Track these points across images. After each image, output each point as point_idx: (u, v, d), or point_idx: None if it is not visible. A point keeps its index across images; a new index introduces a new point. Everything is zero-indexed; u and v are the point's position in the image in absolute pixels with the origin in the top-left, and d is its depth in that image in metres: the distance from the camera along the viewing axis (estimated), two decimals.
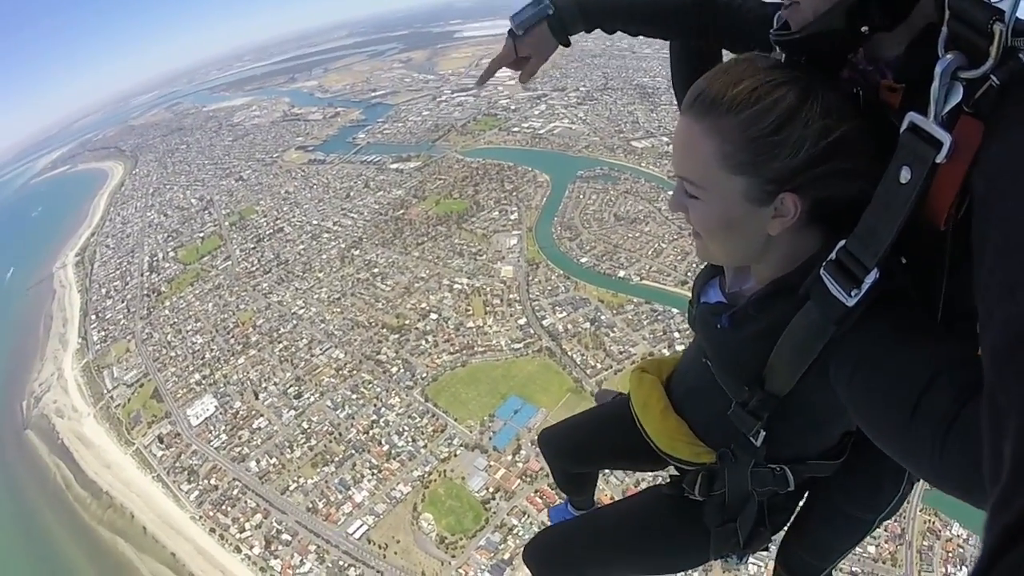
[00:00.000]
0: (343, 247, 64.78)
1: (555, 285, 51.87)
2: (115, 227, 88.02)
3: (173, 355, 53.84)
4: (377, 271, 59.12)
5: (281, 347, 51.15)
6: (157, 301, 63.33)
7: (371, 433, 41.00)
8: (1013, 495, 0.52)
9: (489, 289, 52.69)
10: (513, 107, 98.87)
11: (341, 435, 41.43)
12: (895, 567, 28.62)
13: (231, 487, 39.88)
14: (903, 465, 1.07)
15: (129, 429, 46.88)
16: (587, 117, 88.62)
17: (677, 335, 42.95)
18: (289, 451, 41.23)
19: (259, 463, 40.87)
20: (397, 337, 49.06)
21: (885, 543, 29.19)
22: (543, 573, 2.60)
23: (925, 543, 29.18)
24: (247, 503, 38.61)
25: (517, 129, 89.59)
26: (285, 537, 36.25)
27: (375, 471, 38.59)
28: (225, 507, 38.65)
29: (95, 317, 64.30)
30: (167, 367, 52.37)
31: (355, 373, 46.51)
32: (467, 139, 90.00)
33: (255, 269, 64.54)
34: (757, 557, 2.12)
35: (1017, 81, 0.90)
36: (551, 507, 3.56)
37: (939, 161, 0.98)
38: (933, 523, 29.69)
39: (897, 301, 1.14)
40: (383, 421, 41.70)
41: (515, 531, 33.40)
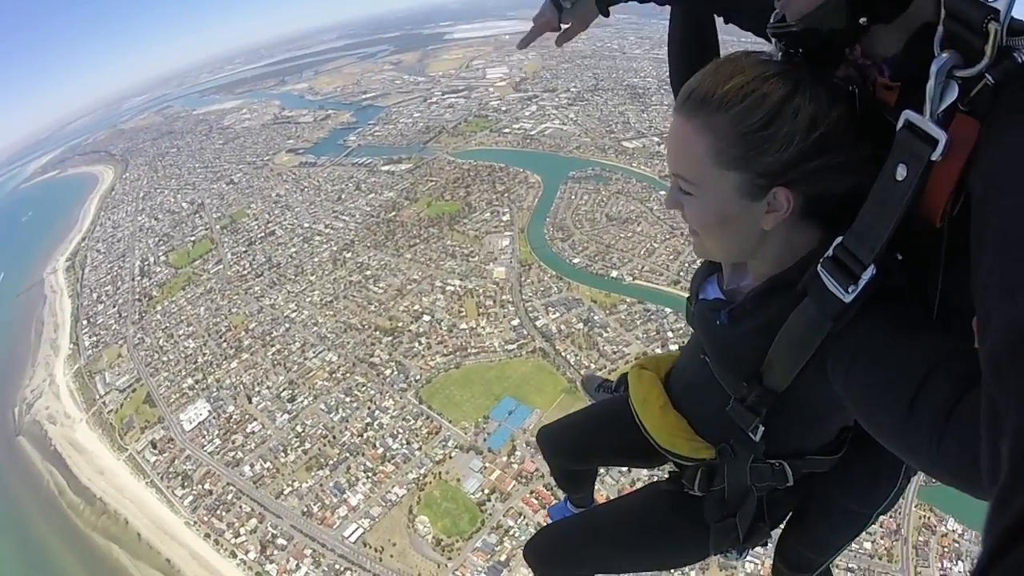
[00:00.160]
0: (335, 250, 64.53)
1: (548, 286, 51.97)
2: (106, 231, 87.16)
3: (165, 360, 53.47)
4: (369, 273, 58.99)
5: (274, 351, 50.92)
6: (149, 305, 62.90)
7: (365, 436, 40.96)
8: (1011, 496, 0.52)
9: (482, 290, 52.71)
10: (504, 108, 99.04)
11: (335, 438, 41.34)
12: (891, 563, 28.82)
13: (225, 492, 39.72)
14: (901, 458, 1.10)
15: (122, 435, 46.59)
16: (578, 118, 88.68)
17: (670, 335, 43.16)
18: (283, 455, 41.10)
19: (253, 467, 40.71)
20: (390, 339, 49.01)
21: (881, 539, 29.40)
22: (544, 571, 2.65)
23: (921, 538, 29.39)
24: (242, 508, 38.47)
25: (508, 130, 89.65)
26: (280, 542, 36.14)
27: (370, 474, 38.53)
28: (220, 512, 38.49)
29: (86, 322, 63.77)
30: (159, 372, 52.05)
31: (348, 376, 46.41)
32: (458, 141, 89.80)
33: (247, 272, 64.18)
34: (754, 553, 2.18)
35: (1012, 80, 0.91)
36: (551, 506, 3.59)
37: (935, 159, 0.99)
38: (928, 518, 29.88)
39: (893, 298, 1.17)
40: (377, 424, 41.66)
41: (511, 532, 33.45)
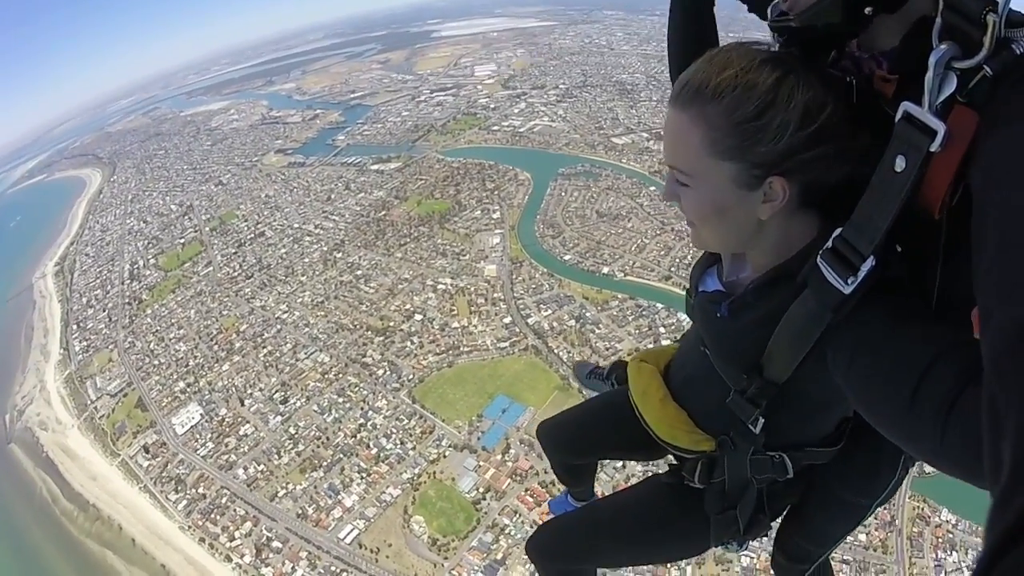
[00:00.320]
0: (325, 250, 64.31)
1: (539, 283, 52.03)
2: (94, 235, 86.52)
3: (156, 363, 53.15)
4: (360, 273, 58.85)
5: (265, 352, 50.74)
6: (139, 309, 62.49)
7: (359, 437, 40.88)
8: (1012, 496, 0.52)
9: (473, 289, 52.68)
10: (493, 106, 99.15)
11: (329, 439, 41.24)
12: (886, 554, 29.02)
13: (219, 495, 39.55)
14: (903, 448, 1.11)
15: (114, 440, 46.30)
16: (567, 114, 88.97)
17: (662, 330, 43.32)
18: (277, 457, 40.97)
19: (247, 470, 40.56)
20: (382, 339, 48.92)
21: (876, 530, 29.61)
22: (546, 565, 2.66)
23: (915, 529, 29.65)
24: (236, 511, 38.33)
25: (497, 128, 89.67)
26: (276, 544, 36.01)
27: (364, 475, 38.46)
28: (214, 516, 38.32)
29: (76, 327, 63.25)
30: (151, 376, 51.72)
31: (341, 377, 46.30)
32: (447, 139, 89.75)
33: (237, 274, 63.87)
34: (751, 547, 2.18)
35: (1010, 71, 0.92)
36: (551, 500, 3.61)
37: (933, 150, 1.00)
38: (922, 509, 30.17)
39: (893, 289, 1.19)
40: (371, 424, 41.57)
41: (507, 531, 33.48)
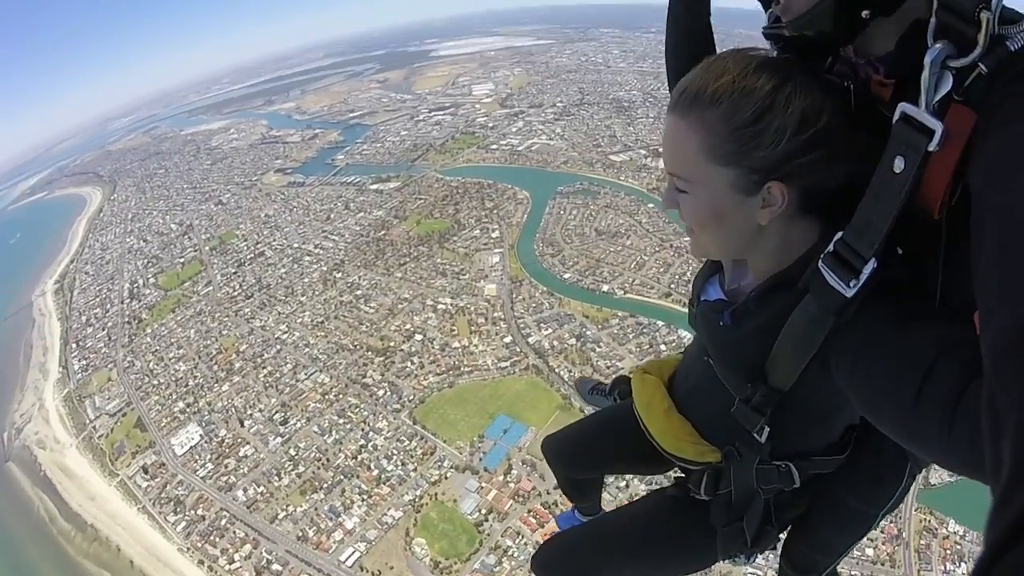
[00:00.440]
0: (325, 270, 64.34)
1: (539, 302, 52.06)
2: (94, 254, 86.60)
3: (156, 383, 52.94)
4: (360, 293, 58.80)
5: (265, 373, 50.58)
6: (138, 328, 62.37)
7: (360, 458, 40.66)
8: (1012, 495, 0.53)
9: (473, 308, 52.65)
10: (491, 125, 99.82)
11: (329, 461, 41.01)
12: (894, 568, 28.89)
13: (219, 517, 39.20)
14: (911, 449, 1.15)
15: (113, 460, 46.02)
16: (565, 132, 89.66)
17: (664, 348, 43.28)
18: (277, 479, 40.69)
19: (246, 492, 40.28)
20: (382, 360, 48.81)
21: (883, 544, 29.47)
22: None
23: (922, 542, 29.52)
24: (236, 533, 37.98)
25: (495, 147, 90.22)
26: (276, 567, 35.62)
27: (365, 497, 38.19)
28: (213, 538, 37.97)
29: (76, 346, 63.10)
30: (150, 395, 51.53)
31: (341, 397, 46.13)
32: (446, 158, 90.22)
33: (237, 294, 63.80)
34: (759, 560, 2.21)
35: (1005, 68, 0.92)
36: (559, 515, 3.62)
37: (931, 149, 1.00)
38: (929, 522, 30.06)
39: (895, 291, 1.19)
40: (371, 445, 41.34)
41: (510, 552, 33.19)
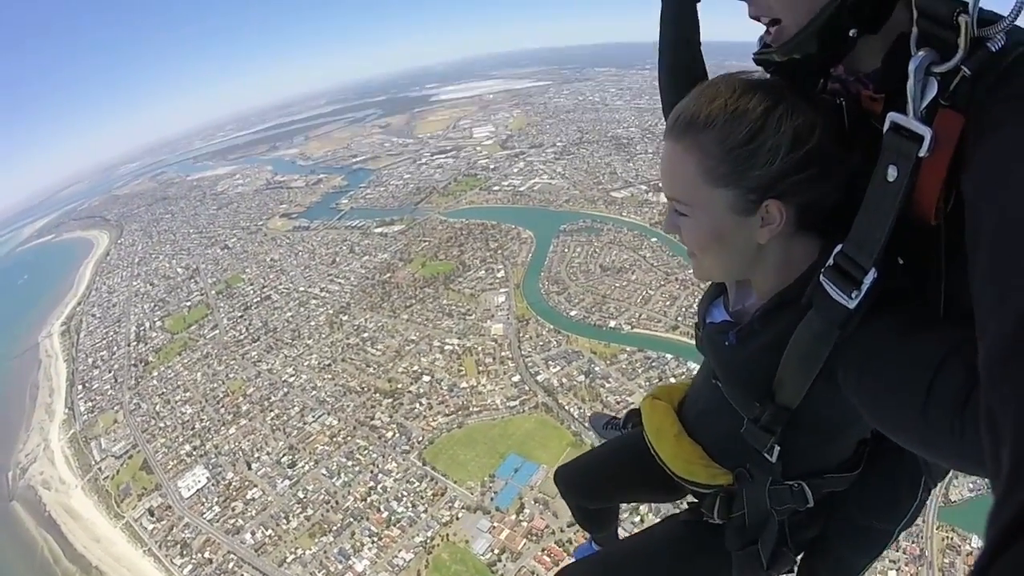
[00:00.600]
0: (331, 313, 64.61)
1: (546, 340, 52.19)
2: (101, 296, 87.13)
3: (162, 426, 52.76)
4: (367, 336, 58.96)
5: (272, 416, 50.39)
6: (145, 371, 62.40)
7: (369, 500, 40.27)
8: (1011, 495, 0.55)
9: (480, 348, 52.73)
10: (492, 166, 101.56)
11: (338, 503, 40.61)
12: None
13: (226, 560, 38.62)
14: (923, 453, 1.20)
15: (119, 501, 45.57)
16: (566, 171, 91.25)
17: (673, 380, 42.74)
18: (285, 521, 40.23)
19: (254, 535, 39.76)
20: (390, 401, 48.71)
21: (906, 566, 29.09)
22: None
23: (946, 560, 29.12)
24: None
25: (498, 188, 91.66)
26: None
27: (375, 539, 37.70)
28: None
29: (82, 387, 63.06)
30: (156, 438, 51.27)
31: (349, 440, 45.89)
32: (449, 200, 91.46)
33: (243, 337, 63.99)
34: None
35: (987, 70, 0.94)
36: (577, 547, 3.73)
37: (922, 155, 1.02)
38: (951, 539, 29.75)
39: (897, 300, 1.19)
40: (381, 487, 41.00)
41: None
